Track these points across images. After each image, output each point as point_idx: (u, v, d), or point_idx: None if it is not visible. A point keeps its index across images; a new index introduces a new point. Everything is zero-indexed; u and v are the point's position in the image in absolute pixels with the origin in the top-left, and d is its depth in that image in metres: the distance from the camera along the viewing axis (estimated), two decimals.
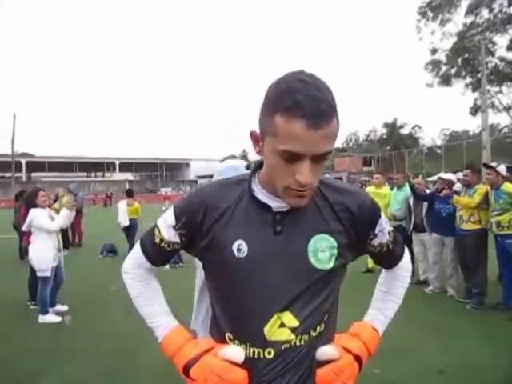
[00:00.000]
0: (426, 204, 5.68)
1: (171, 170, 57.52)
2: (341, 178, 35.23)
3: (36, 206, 4.68)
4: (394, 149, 42.60)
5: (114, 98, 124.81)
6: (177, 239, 1.06)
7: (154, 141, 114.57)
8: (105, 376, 3.31)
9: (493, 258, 4.80)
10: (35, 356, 3.70)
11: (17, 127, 36.69)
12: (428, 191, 5.90)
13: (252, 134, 0.96)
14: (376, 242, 1.08)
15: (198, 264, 1.45)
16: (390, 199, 6.35)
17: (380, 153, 42.84)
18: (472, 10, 29.12)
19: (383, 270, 1.22)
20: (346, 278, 1.08)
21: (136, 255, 1.13)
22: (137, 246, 1.14)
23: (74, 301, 5.22)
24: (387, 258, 1.16)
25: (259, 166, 1.04)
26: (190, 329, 1.25)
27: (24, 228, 4.74)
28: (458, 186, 5.98)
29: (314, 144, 0.82)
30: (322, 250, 0.97)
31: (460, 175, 5.72)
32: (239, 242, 0.97)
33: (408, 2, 75.12)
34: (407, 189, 6.10)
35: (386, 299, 1.19)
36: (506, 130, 37.63)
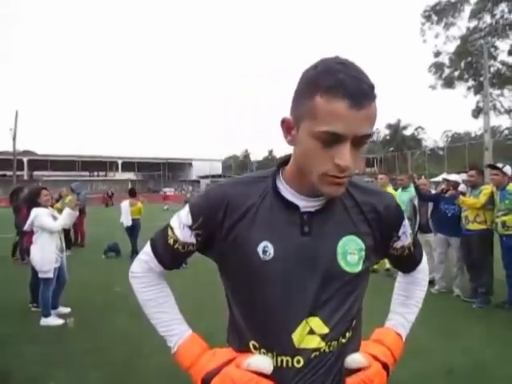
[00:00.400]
0: (431, 204, 5.68)
1: (174, 170, 57.47)
2: None
3: (38, 205, 4.56)
4: (396, 150, 42.60)
5: (117, 97, 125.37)
6: (193, 240, 0.98)
7: (156, 140, 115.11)
8: (110, 380, 3.24)
9: (498, 257, 4.79)
10: (38, 360, 3.58)
11: (19, 125, 36.19)
12: (433, 192, 5.90)
13: (284, 121, 0.89)
14: (398, 244, 1.03)
15: None
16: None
17: (383, 154, 42.81)
18: (475, 14, 29.23)
19: (400, 274, 1.19)
20: None
21: (146, 258, 1.05)
22: (147, 248, 1.06)
23: (77, 303, 5.12)
24: (407, 262, 1.12)
25: (283, 162, 0.98)
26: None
27: (26, 228, 4.61)
28: (462, 187, 5.99)
29: (356, 125, 0.77)
30: (351, 253, 0.92)
31: (463, 176, 5.72)
32: (265, 243, 0.90)
33: (413, 5, 74.92)
34: (412, 189, 6.10)
35: (406, 304, 1.15)
36: (506, 132, 37.59)
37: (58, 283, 4.72)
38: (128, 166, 54.80)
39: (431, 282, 5.65)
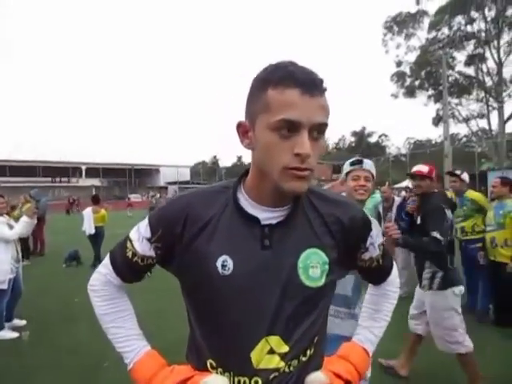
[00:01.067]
0: (394, 211, 5.80)
1: (140, 176, 56.38)
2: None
3: None
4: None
5: (81, 100, 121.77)
6: (152, 253, 0.96)
7: (123, 145, 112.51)
8: None
9: (457, 262, 4.93)
10: None
11: None
12: (396, 198, 6.04)
13: (240, 125, 0.89)
14: (366, 256, 1.02)
15: None
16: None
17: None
18: (433, 26, 30.58)
19: (370, 286, 1.18)
20: None
21: (105, 270, 1.03)
22: (106, 260, 1.04)
23: (34, 314, 4.92)
24: (376, 274, 1.11)
25: (246, 172, 0.96)
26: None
27: None
28: None
29: (310, 111, 0.78)
30: (313, 266, 0.90)
31: None
32: (224, 257, 0.88)
33: (375, 16, 77.54)
34: (377, 196, 6.20)
35: (375, 317, 1.14)
36: (465, 139, 39.39)
37: (13, 295, 4.52)
38: (92, 171, 53.33)
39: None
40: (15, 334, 4.36)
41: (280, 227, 0.90)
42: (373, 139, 54.56)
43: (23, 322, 4.68)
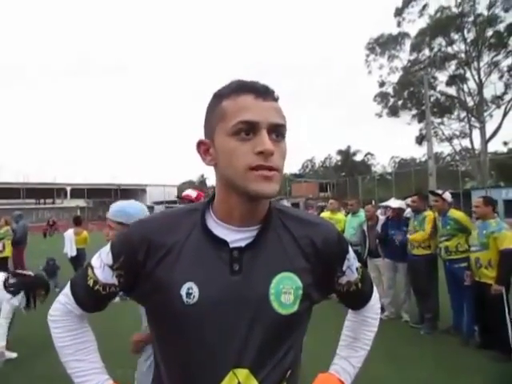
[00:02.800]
0: (379, 230, 5.77)
1: (126, 196, 55.21)
2: (298, 204, 35.79)
3: None
4: (348, 175, 44.14)
5: (65, 120, 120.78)
6: (114, 281, 0.90)
7: (108, 165, 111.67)
8: None
9: (444, 282, 4.91)
10: None
11: None
12: (381, 217, 6.03)
13: (200, 143, 0.87)
14: (344, 280, 0.96)
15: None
16: (345, 225, 6.44)
17: (335, 179, 44.18)
18: (415, 48, 31.58)
19: (349, 311, 1.11)
20: None
21: (65, 299, 0.96)
22: (66, 289, 0.97)
23: (10, 341, 4.70)
24: (355, 299, 1.04)
25: (214, 195, 0.91)
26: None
27: None
28: (408, 212, 6.18)
29: (266, 112, 0.79)
30: (286, 292, 0.84)
31: (409, 201, 5.91)
32: (189, 284, 0.82)
33: (359, 37, 79.69)
34: (362, 214, 6.23)
35: (353, 346, 1.07)
36: (449, 158, 40.18)
37: None
38: (77, 192, 52.62)
39: (381, 308, 5.68)
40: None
41: (250, 249, 0.84)
42: (358, 158, 55.36)
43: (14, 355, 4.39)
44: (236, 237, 0.85)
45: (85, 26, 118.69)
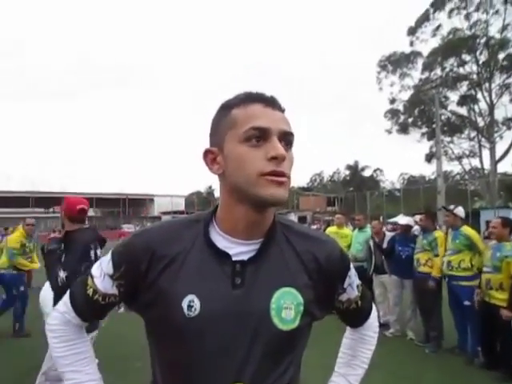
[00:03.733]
0: (385, 246, 5.75)
1: (134, 206, 55.96)
2: (305, 217, 35.64)
3: None
4: (356, 190, 43.99)
5: (73, 129, 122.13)
6: (114, 291, 0.89)
7: (116, 175, 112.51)
8: None
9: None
10: None
11: None
12: (387, 233, 6.01)
13: (207, 152, 0.87)
14: (344, 297, 0.96)
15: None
16: (352, 240, 6.41)
17: (343, 193, 44.03)
18: (426, 67, 31.69)
19: (348, 328, 1.12)
20: None
21: (63, 308, 0.95)
22: (65, 298, 0.96)
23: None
24: (354, 316, 1.04)
25: (217, 206, 0.91)
26: None
27: None
28: (416, 229, 6.15)
29: (276, 120, 0.81)
30: (287, 307, 0.83)
31: (417, 218, 5.88)
32: (190, 297, 0.81)
33: (370, 54, 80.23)
34: (368, 230, 6.21)
35: (351, 364, 1.07)
36: (458, 177, 39.89)
37: None
38: None
39: (386, 325, 5.64)
40: None
41: (252, 263, 0.84)
42: (367, 173, 55.22)
43: None
44: (239, 250, 0.85)
45: (89, 29, 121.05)
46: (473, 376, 4.01)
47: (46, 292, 4.20)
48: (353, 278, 0.97)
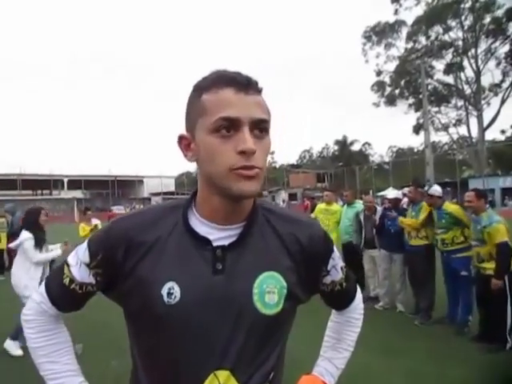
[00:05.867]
0: (377, 221, 5.73)
1: (123, 188, 55.59)
2: (296, 194, 35.79)
3: None
4: (346, 165, 44.13)
5: (61, 111, 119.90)
6: (91, 280, 0.86)
7: (105, 156, 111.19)
8: None
9: (440, 272, 4.91)
10: None
11: None
12: (379, 208, 6.00)
13: (181, 138, 0.83)
14: (328, 279, 0.94)
15: None
16: (341, 215, 6.39)
17: (333, 169, 44.15)
18: (411, 36, 31.33)
19: (333, 312, 1.10)
20: None
21: (39, 298, 0.92)
22: (41, 288, 0.93)
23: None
24: (339, 298, 1.02)
25: (196, 191, 0.88)
26: None
27: None
28: (405, 201, 6.16)
29: (248, 107, 0.75)
30: (270, 292, 0.82)
31: (406, 190, 5.87)
32: (170, 284, 0.79)
33: (355, 26, 79.12)
34: (358, 205, 6.18)
35: (337, 347, 1.06)
36: (446, 147, 40.18)
37: None
38: (74, 183, 52.35)
39: (376, 299, 5.71)
40: (20, 352, 4.08)
41: (233, 248, 0.82)
42: (356, 147, 55.30)
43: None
44: (219, 235, 0.82)
45: (77, 20, 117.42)
46: (461, 346, 4.07)
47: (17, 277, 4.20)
48: (336, 260, 0.94)
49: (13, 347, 4.17)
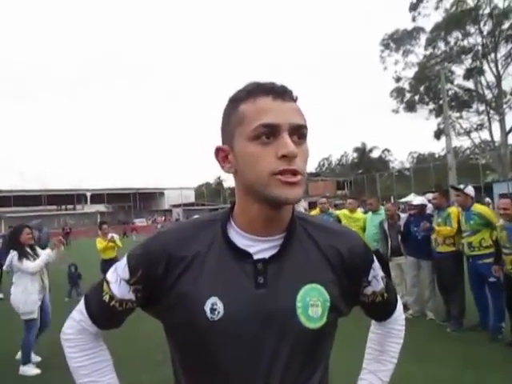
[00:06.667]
0: (402, 228, 5.70)
1: (145, 200, 56.36)
2: (315, 203, 35.63)
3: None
4: (365, 172, 43.69)
5: (82, 125, 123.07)
6: (131, 296, 0.86)
7: (126, 170, 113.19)
8: None
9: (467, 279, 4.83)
10: None
11: None
12: (402, 215, 5.96)
13: (218, 150, 0.83)
14: (369, 290, 0.93)
15: None
16: (366, 223, 6.37)
17: (352, 176, 43.77)
18: (430, 43, 31.04)
19: (374, 323, 1.08)
20: None
21: (79, 317, 0.91)
22: (80, 305, 0.92)
23: (44, 350, 4.62)
24: (381, 309, 1.01)
25: (234, 204, 0.88)
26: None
27: None
28: (429, 208, 6.09)
29: (286, 113, 0.76)
30: (313, 305, 0.80)
31: (430, 196, 5.80)
32: (213, 300, 0.78)
33: (373, 34, 78.71)
34: (383, 212, 6.15)
35: (380, 359, 1.04)
36: (468, 151, 39.35)
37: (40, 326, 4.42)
38: (97, 197, 53.36)
39: (405, 306, 5.63)
40: (37, 371, 4.17)
41: (274, 261, 0.81)
42: (375, 154, 54.78)
43: (38, 358, 4.45)
44: (259, 247, 0.82)
45: (90, 28, 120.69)
46: (496, 353, 4.00)
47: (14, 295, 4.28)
48: (377, 271, 0.93)
49: (27, 370, 4.20)
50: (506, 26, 28.16)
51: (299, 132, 0.77)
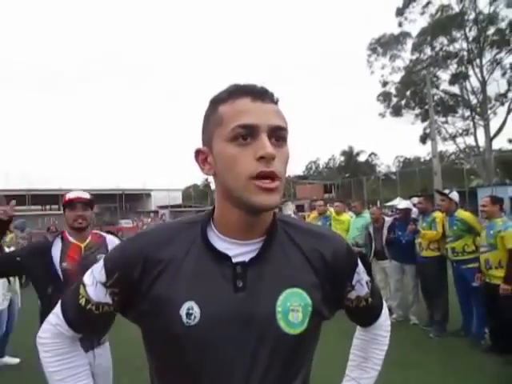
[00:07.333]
0: (385, 232, 5.70)
1: (131, 201, 55.82)
2: (303, 205, 35.68)
3: None
4: (352, 175, 44.02)
5: (67, 125, 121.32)
6: (108, 300, 0.84)
7: (112, 171, 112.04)
8: None
9: (452, 283, 4.83)
10: None
11: None
12: (387, 218, 5.96)
13: (198, 152, 0.82)
14: (353, 295, 0.91)
15: None
16: (350, 226, 6.39)
17: (339, 180, 44.05)
18: (416, 47, 31.48)
19: (359, 328, 1.06)
20: None
21: (55, 320, 0.89)
22: (57, 309, 0.90)
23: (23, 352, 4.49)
24: (365, 314, 0.99)
25: (214, 207, 0.86)
26: None
27: None
28: (414, 212, 6.11)
29: (265, 114, 0.75)
30: (294, 310, 0.78)
31: (415, 200, 5.82)
32: (189, 304, 0.76)
33: (360, 38, 79.71)
34: (366, 215, 6.17)
35: (363, 366, 1.02)
36: (453, 156, 39.93)
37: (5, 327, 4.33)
38: None
39: (389, 311, 5.59)
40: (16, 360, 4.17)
41: (254, 264, 0.79)
42: (362, 158, 55.23)
43: (16, 360, 4.36)
44: (239, 251, 0.80)
45: (84, 26, 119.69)
46: (478, 359, 3.98)
47: None
48: (361, 275, 0.91)
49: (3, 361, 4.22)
50: (490, 31, 28.69)
51: (278, 134, 0.76)
